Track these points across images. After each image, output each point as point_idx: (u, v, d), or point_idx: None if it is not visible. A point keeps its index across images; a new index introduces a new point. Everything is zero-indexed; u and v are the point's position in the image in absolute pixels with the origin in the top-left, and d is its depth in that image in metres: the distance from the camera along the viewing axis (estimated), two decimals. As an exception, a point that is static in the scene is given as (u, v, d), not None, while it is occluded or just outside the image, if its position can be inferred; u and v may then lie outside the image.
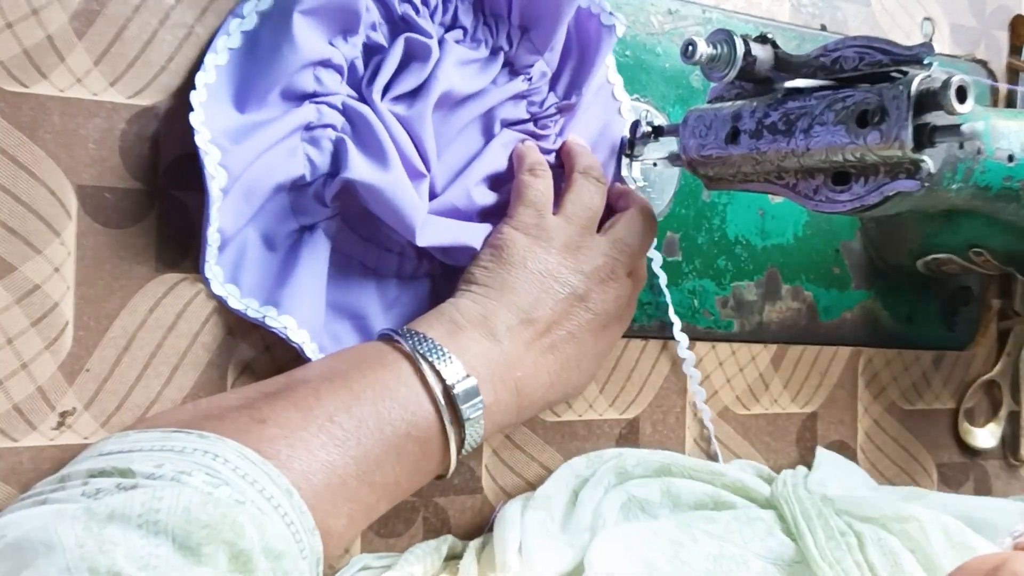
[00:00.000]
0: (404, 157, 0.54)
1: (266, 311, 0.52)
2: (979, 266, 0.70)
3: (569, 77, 0.60)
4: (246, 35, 0.52)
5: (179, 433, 0.44)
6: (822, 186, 0.52)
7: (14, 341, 0.48)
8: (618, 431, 0.66)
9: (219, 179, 0.49)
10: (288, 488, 0.44)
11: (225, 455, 0.43)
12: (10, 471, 0.48)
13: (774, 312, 0.71)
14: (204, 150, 0.49)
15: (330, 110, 0.53)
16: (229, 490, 0.41)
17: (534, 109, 0.60)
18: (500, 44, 0.57)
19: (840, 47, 0.50)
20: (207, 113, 0.50)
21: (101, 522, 0.38)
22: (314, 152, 0.52)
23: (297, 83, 0.51)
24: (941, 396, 0.81)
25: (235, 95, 0.51)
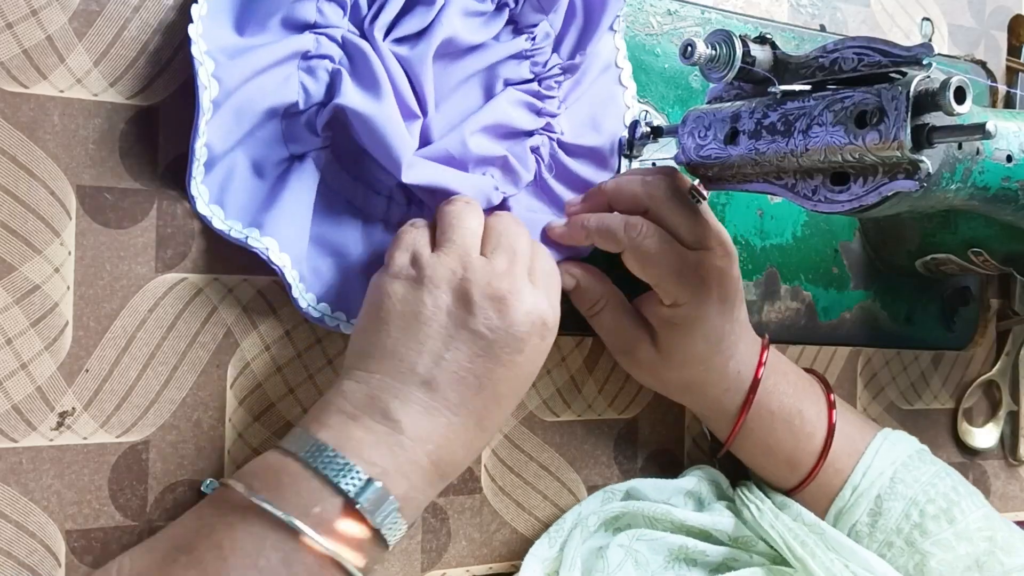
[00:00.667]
0: (399, 96, 0.54)
1: (249, 232, 0.52)
2: (978, 266, 0.70)
3: (574, 40, 0.60)
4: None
5: None
6: (821, 186, 0.52)
7: (14, 341, 0.48)
8: (617, 431, 0.66)
9: (211, 89, 0.49)
10: None
11: None
12: (9, 471, 0.48)
13: (773, 312, 0.71)
14: (199, 60, 0.49)
15: (329, 42, 0.53)
16: None
17: (537, 69, 0.60)
18: (506, 0, 0.58)
19: (839, 48, 0.51)
20: (205, 27, 0.50)
21: None
22: (309, 80, 0.53)
23: (299, 12, 0.52)
24: (940, 396, 0.81)
25: (235, 18, 0.52)
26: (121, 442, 0.50)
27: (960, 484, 0.65)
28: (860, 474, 0.63)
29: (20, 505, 0.48)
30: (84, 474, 0.50)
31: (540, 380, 0.63)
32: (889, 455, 0.64)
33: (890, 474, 0.63)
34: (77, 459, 0.49)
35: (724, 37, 0.52)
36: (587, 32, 0.60)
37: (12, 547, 0.48)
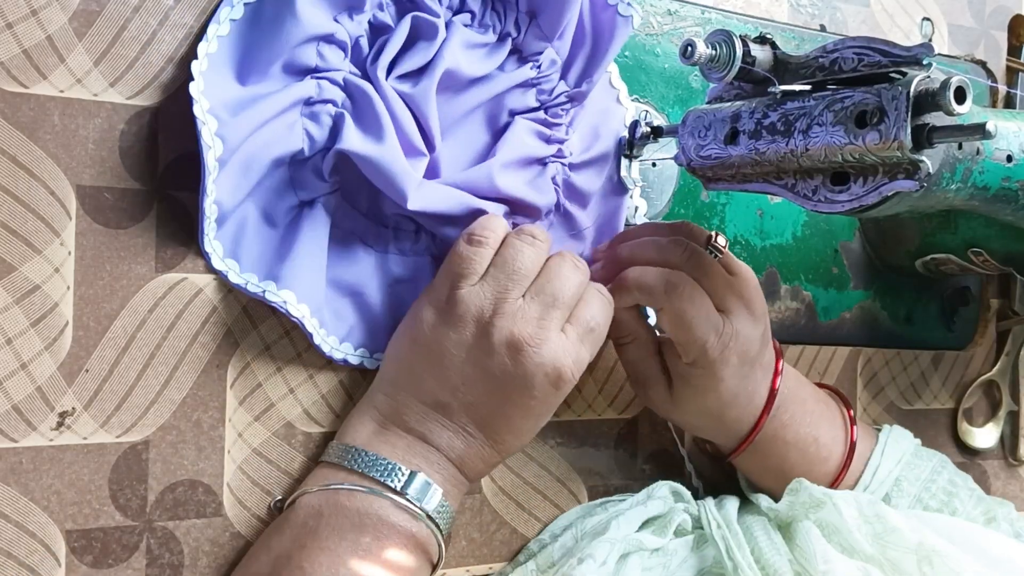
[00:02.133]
0: (404, 134, 0.53)
1: (265, 285, 0.52)
2: (978, 266, 0.70)
3: (581, 66, 0.60)
4: (249, 6, 0.52)
5: None
6: (821, 186, 0.52)
7: (14, 341, 0.48)
8: (617, 431, 0.66)
9: (215, 149, 0.49)
10: None
11: None
12: (9, 471, 0.48)
13: (773, 312, 0.71)
14: (201, 119, 0.49)
15: (331, 85, 0.53)
16: None
17: (543, 97, 0.60)
18: (508, 30, 0.57)
19: (839, 48, 0.51)
20: (207, 83, 0.50)
21: None
22: (313, 127, 0.52)
23: (299, 57, 0.51)
24: (940, 396, 0.81)
25: (236, 67, 0.51)
26: (121, 442, 0.50)
27: (955, 474, 0.67)
28: (870, 475, 0.64)
29: (20, 505, 0.48)
30: (84, 474, 0.50)
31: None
32: (893, 454, 0.65)
33: (896, 473, 0.64)
34: (77, 459, 0.49)
35: (724, 37, 0.52)
36: (595, 58, 0.60)
37: (12, 547, 0.48)
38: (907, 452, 0.66)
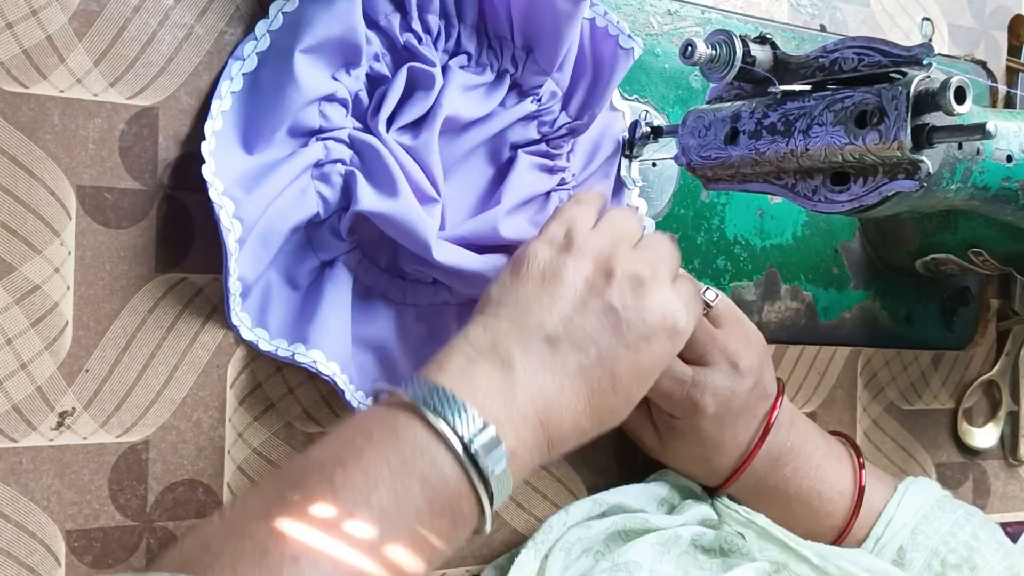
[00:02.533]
0: (414, 183, 0.54)
1: (295, 348, 0.52)
2: (978, 266, 0.70)
3: (582, 97, 0.59)
4: (248, 76, 0.52)
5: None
6: (821, 186, 0.52)
7: (14, 341, 0.48)
8: (617, 431, 0.66)
9: (235, 231, 0.49)
10: None
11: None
12: (9, 471, 0.48)
13: (773, 312, 0.71)
14: (218, 204, 0.48)
15: (337, 145, 0.53)
16: None
17: (545, 129, 0.59)
18: (506, 67, 0.57)
19: (839, 48, 0.51)
20: (217, 162, 0.50)
21: None
22: (325, 188, 0.52)
23: (303, 120, 0.51)
24: (940, 396, 0.81)
25: (242, 137, 0.51)
26: (121, 442, 0.50)
27: (980, 527, 0.64)
28: (883, 527, 0.63)
29: (20, 505, 0.48)
30: (84, 474, 0.50)
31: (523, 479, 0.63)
32: (911, 505, 0.64)
33: (912, 525, 0.63)
34: (77, 459, 0.49)
35: (724, 37, 0.52)
36: (596, 89, 0.59)
37: (12, 547, 0.48)
38: (927, 504, 0.64)
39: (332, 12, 0.50)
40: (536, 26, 0.56)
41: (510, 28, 0.56)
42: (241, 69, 0.52)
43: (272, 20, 0.51)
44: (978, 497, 0.83)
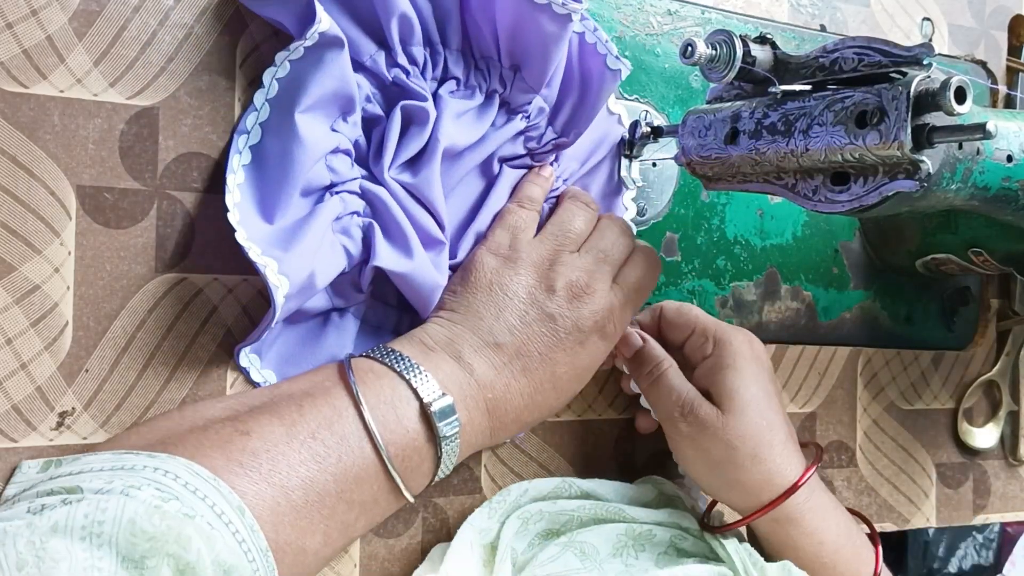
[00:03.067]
0: (421, 230, 0.55)
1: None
2: (978, 266, 0.70)
3: (568, 113, 0.59)
4: (254, 148, 0.52)
5: (129, 454, 0.44)
6: (821, 186, 0.52)
7: (14, 341, 0.48)
8: (617, 431, 0.66)
9: (283, 288, 0.49)
10: (240, 506, 0.43)
11: (176, 471, 0.42)
12: (9, 471, 0.48)
13: (773, 312, 0.71)
14: (261, 263, 0.49)
15: (351, 196, 0.53)
16: (179, 504, 0.41)
17: (532, 144, 0.59)
18: (494, 87, 0.57)
19: (839, 48, 0.51)
20: (245, 228, 0.50)
21: (44, 535, 0.37)
22: (348, 242, 0.53)
23: (313, 179, 0.52)
24: (940, 396, 0.81)
25: (260, 206, 0.52)
26: (121, 442, 0.50)
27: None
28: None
29: (20, 505, 0.48)
30: (84, 474, 0.50)
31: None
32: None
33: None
34: (77, 459, 0.49)
35: (724, 37, 0.52)
36: (583, 106, 0.59)
37: (12, 547, 0.48)
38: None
39: (324, 69, 0.50)
40: (523, 45, 0.56)
41: (496, 48, 0.56)
42: (247, 142, 0.52)
43: (268, 88, 0.51)
44: (978, 497, 0.83)
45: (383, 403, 0.50)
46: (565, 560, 0.57)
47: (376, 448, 0.49)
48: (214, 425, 0.47)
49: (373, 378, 0.50)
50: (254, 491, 0.45)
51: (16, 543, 0.37)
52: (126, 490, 0.40)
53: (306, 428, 0.47)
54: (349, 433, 0.48)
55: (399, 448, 0.49)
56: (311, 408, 0.48)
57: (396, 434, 0.49)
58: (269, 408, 0.48)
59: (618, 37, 0.64)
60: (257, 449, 0.46)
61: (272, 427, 0.47)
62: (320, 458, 0.47)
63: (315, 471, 0.47)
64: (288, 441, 0.47)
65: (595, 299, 0.56)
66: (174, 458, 0.43)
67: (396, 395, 0.50)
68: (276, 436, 0.47)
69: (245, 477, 0.45)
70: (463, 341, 0.53)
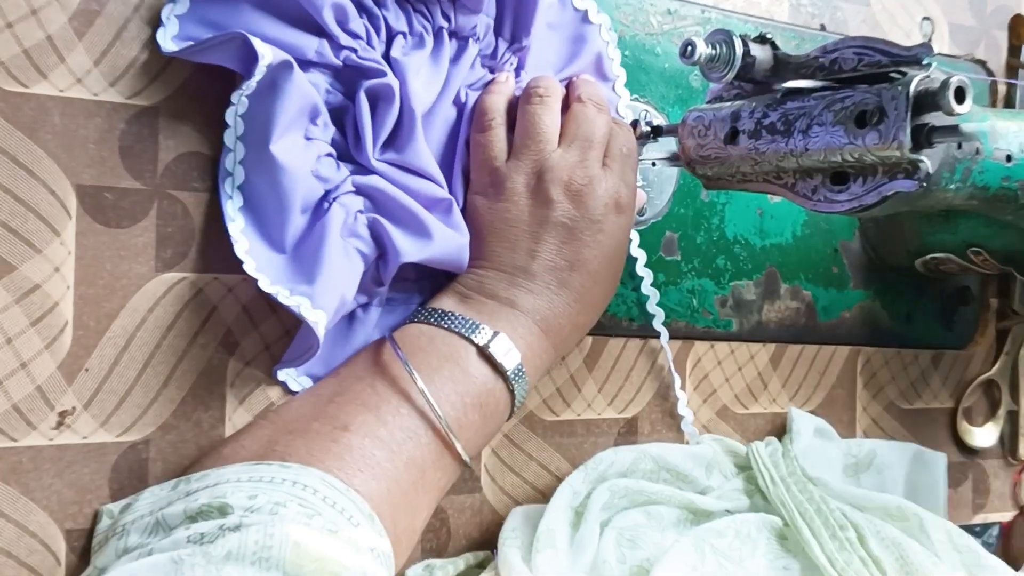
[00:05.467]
0: (424, 197, 0.55)
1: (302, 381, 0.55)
2: (978, 266, 0.70)
3: (511, 16, 0.58)
4: (243, 188, 0.52)
5: (261, 465, 0.46)
6: (820, 186, 0.52)
7: (14, 341, 0.48)
8: (616, 430, 0.66)
9: (322, 322, 0.50)
10: (370, 514, 0.45)
11: (313, 484, 0.44)
12: (9, 471, 0.48)
13: (773, 311, 0.71)
14: (295, 304, 0.49)
15: (349, 197, 0.53)
16: (322, 520, 0.43)
17: (489, 63, 0.59)
18: (439, 24, 0.56)
19: (839, 47, 0.51)
20: (265, 273, 0.51)
21: (219, 563, 0.39)
22: (360, 243, 0.53)
23: (308, 195, 0.52)
24: (940, 395, 0.81)
25: (267, 241, 0.52)
26: (121, 441, 0.50)
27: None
28: None
29: (20, 505, 0.48)
30: (84, 474, 0.50)
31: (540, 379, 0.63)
32: None
33: None
34: (77, 458, 0.49)
35: (724, 37, 0.52)
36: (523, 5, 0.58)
37: (12, 547, 0.48)
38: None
39: (283, 96, 0.50)
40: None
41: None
42: (234, 184, 0.52)
43: (235, 127, 0.51)
44: (978, 497, 0.83)
45: (445, 360, 0.52)
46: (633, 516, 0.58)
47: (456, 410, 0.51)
48: (312, 425, 0.49)
49: (426, 341, 0.53)
50: (368, 488, 0.47)
51: (194, 571, 0.39)
52: (274, 508, 0.42)
53: (389, 408, 0.50)
54: (423, 404, 0.50)
55: (474, 396, 0.52)
56: (384, 387, 0.51)
57: (464, 384, 0.52)
58: (349, 396, 0.51)
59: (618, 36, 0.64)
60: (362, 444, 0.48)
61: (363, 416, 0.49)
62: (413, 434, 0.50)
63: (412, 449, 0.49)
64: (381, 426, 0.49)
65: (596, 187, 0.56)
66: (307, 469, 0.45)
67: (452, 349, 0.52)
68: (370, 424, 0.49)
69: (358, 475, 0.47)
70: (494, 283, 0.55)
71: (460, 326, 0.53)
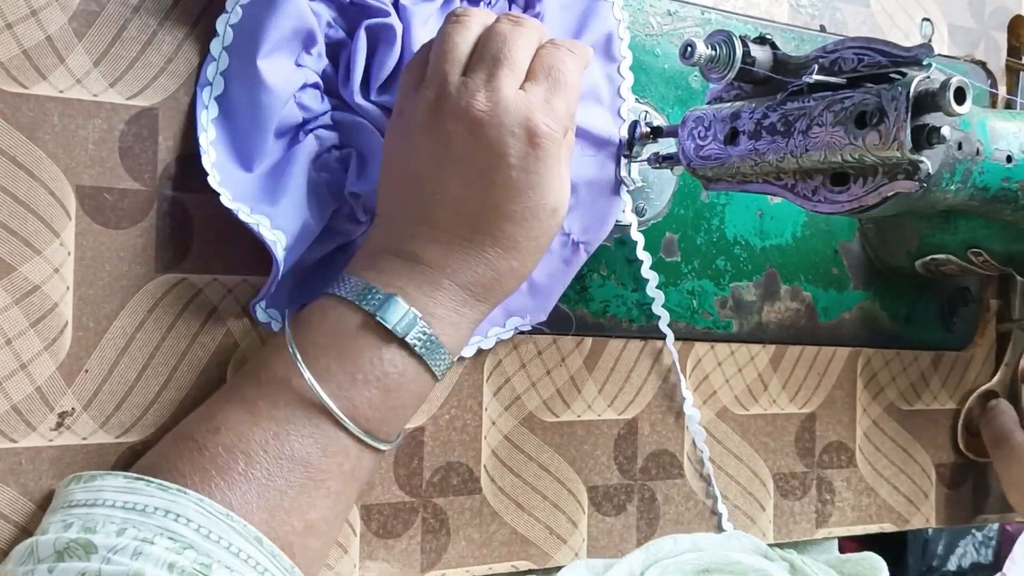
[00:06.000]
0: None
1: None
2: (978, 266, 0.70)
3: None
4: (220, 100, 0.52)
5: (141, 482, 0.44)
6: (820, 187, 0.52)
7: (13, 342, 0.48)
8: (616, 432, 0.66)
9: (280, 242, 0.49)
10: (257, 536, 0.43)
11: (187, 514, 0.43)
12: (9, 472, 0.48)
13: (773, 312, 0.71)
14: (254, 222, 0.49)
15: (326, 131, 0.53)
16: (194, 553, 0.41)
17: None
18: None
19: (839, 48, 0.51)
20: (227, 187, 0.50)
21: None
22: (331, 178, 0.53)
23: (285, 120, 0.51)
24: (939, 396, 0.81)
25: (237, 157, 0.51)
26: (121, 442, 0.50)
27: None
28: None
29: (20, 506, 0.48)
30: (84, 474, 0.50)
31: (540, 380, 0.63)
32: None
33: None
34: (77, 459, 0.49)
35: (724, 38, 0.52)
36: None
37: (12, 549, 0.48)
38: None
39: (277, 11, 0.50)
40: None
41: None
42: (212, 94, 0.51)
43: (223, 36, 0.51)
44: (978, 498, 0.83)
45: (334, 337, 0.47)
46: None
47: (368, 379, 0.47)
48: (192, 428, 0.47)
49: (319, 316, 0.48)
50: (240, 495, 0.44)
51: None
52: (139, 547, 0.40)
53: (267, 401, 0.46)
54: (305, 389, 0.46)
55: (368, 371, 0.47)
56: (268, 376, 0.47)
57: (355, 359, 0.47)
58: (232, 389, 0.48)
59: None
60: (231, 445, 0.45)
61: (237, 414, 0.46)
62: (291, 426, 0.46)
63: (292, 443, 0.46)
64: (255, 422, 0.46)
65: (500, 115, 0.48)
66: (185, 493, 0.43)
67: (341, 322, 0.47)
68: (243, 424, 0.46)
69: (223, 484, 0.44)
70: (398, 236, 0.49)
71: (350, 292, 0.48)
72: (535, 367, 0.63)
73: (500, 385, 0.62)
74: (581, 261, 0.62)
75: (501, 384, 0.62)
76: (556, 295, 0.61)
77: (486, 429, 0.61)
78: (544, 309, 0.61)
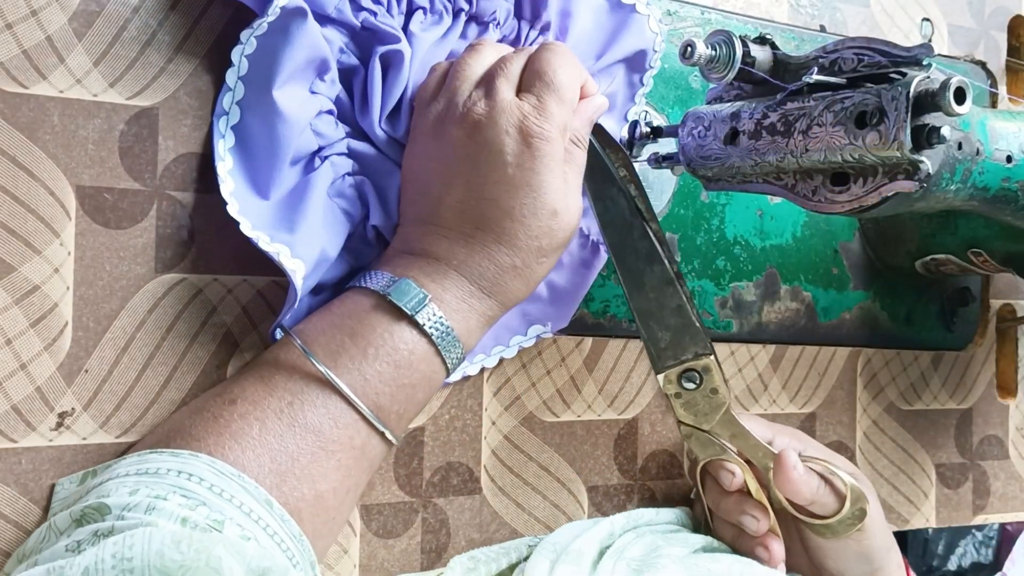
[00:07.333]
0: None
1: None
2: (978, 266, 0.70)
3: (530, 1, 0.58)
4: (236, 129, 0.52)
5: (152, 453, 0.45)
6: (821, 187, 0.52)
7: (13, 342, 0.48)
8: (616, 431, 0.66)
9: (300, 271, 0.50)
10: (267, 499, 0.44)
11: (200, 473, 0.43)
12: (8, 472, 0.48)
13: (773, 312, 0.71)
14: (274, 251, 0.49)
15: (340, 159, 0.53)
16: (207, 510, 0.42)
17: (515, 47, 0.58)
18: (460, 6, 0.56)
19: (839, 48, 0.51)
20: (246, 216, 0.50)
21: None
22: (346, 204, 0.53)
23: (301, 146, 0.52)
24: (940, 396, 0.81)
25: (253, 186, 0.52)
26: (120, 442, 0.50)
27: None
28: None
29: (19, 506, 0.48)
30: (84, 474, 0.50)
31: (540, 380, 0.63)
32: None
33: None
34: (76, 459, 0.49)
35: (724, 38, 0.52)
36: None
37: (12, 548, 0.48)
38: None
39: (292, 42, 0.50)
40: None
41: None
42: (228, 124, 0.52)
43: (239, 66, 0.51)
44: (977, 497, 0.83)
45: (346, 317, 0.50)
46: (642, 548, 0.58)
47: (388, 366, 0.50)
48: (207, 402, 0.49)
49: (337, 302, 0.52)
50: (253, 457, 0.46)
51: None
52: (152, 503, 0.41)
53: (281, 375, 0.49)
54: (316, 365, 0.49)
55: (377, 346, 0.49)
56: (284, 357, 0.50)
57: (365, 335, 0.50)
58: (247, 369, 0.51)
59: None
60: (245, 412, 0.47)
61: (253, 386, 0.48)
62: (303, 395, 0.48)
63: (304, 411, 0.48)
64: (270, 392, 0.48)
65: (496, 117, 0.51)
66: (197, 456, 0.44)
67: (354, 303, 0.51)
68: (258, 393, 0.48)
69: (237, 448, 0.46)
70: (410, 235, 0.53)
71: (366, 282, 0.52)
72: (535, 367, 0.63)
73: (500, 385, 0.62)
74: (601, 262, 0.62)
75: (501, 384, 0.62)
76: (577, 300, 0.62)
77: (486, 429, 0.61)
78: (566, 316, 0.61)
